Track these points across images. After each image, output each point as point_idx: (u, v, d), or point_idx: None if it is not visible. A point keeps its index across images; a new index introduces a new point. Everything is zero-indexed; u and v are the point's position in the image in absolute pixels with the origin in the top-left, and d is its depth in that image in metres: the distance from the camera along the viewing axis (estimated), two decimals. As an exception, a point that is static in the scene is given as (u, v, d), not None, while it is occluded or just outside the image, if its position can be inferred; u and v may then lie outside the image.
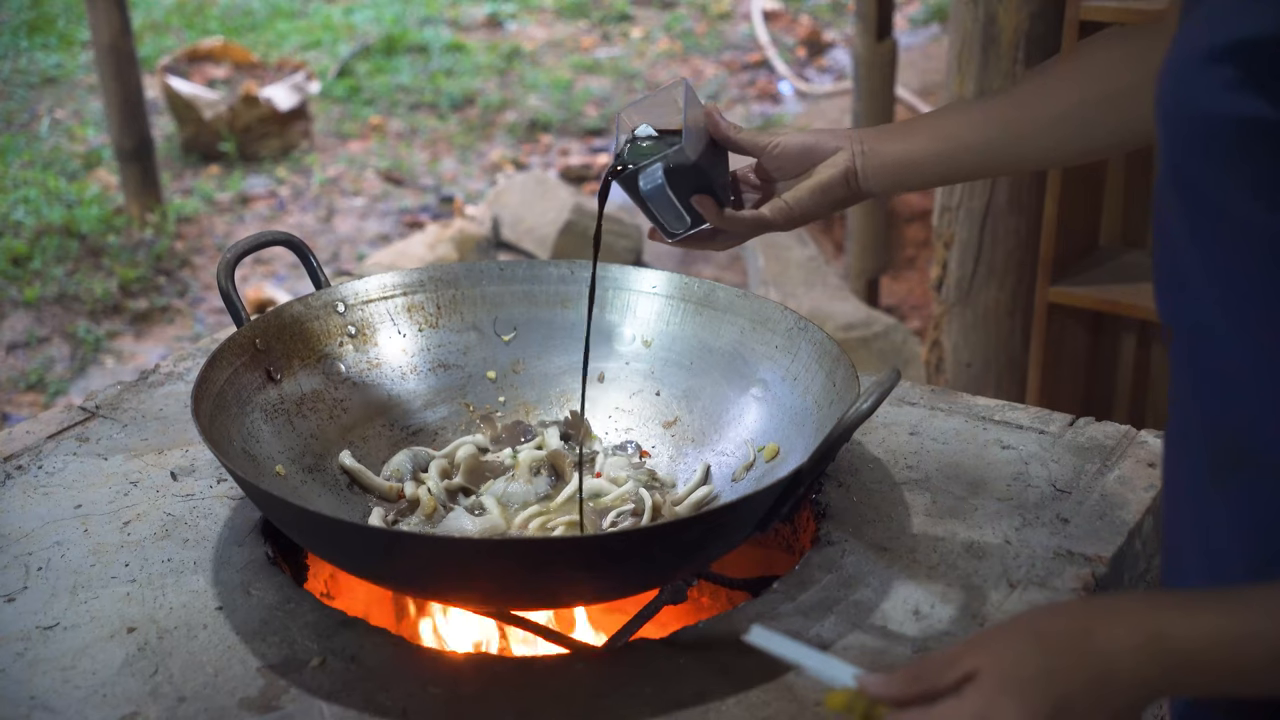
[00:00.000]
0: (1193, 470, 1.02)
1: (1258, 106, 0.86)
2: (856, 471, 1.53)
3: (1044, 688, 0.89)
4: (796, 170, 1.39)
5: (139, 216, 5.08)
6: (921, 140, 1.36)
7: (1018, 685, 0.89)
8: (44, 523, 1.46)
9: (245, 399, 1.45)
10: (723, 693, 1.18)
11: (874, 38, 3.89)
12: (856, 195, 1.38)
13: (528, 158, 6.10)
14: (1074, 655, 0.89)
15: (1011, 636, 0.93)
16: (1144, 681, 0.89)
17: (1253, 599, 0.90)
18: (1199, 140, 0.91)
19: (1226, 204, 0.91)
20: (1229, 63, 0.87)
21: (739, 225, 1.38)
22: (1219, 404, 0.97)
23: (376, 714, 1.17)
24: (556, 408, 1.64)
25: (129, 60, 4.87)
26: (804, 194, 1.37)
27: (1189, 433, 1.02)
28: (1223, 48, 0.88)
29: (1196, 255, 0.95)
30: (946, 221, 2.96)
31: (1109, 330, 2.87)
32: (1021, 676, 0.89)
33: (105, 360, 4.42)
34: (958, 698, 0.90)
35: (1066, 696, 0.88)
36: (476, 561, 1.22)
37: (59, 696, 1.20)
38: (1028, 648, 0.91)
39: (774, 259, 4.33)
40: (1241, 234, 0.91)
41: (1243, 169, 0.89)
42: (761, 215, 1.38)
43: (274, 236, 1.59)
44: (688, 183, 1.34)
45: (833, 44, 7.39)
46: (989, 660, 0.90)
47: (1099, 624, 0.90)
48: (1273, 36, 0.86)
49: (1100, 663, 0.89)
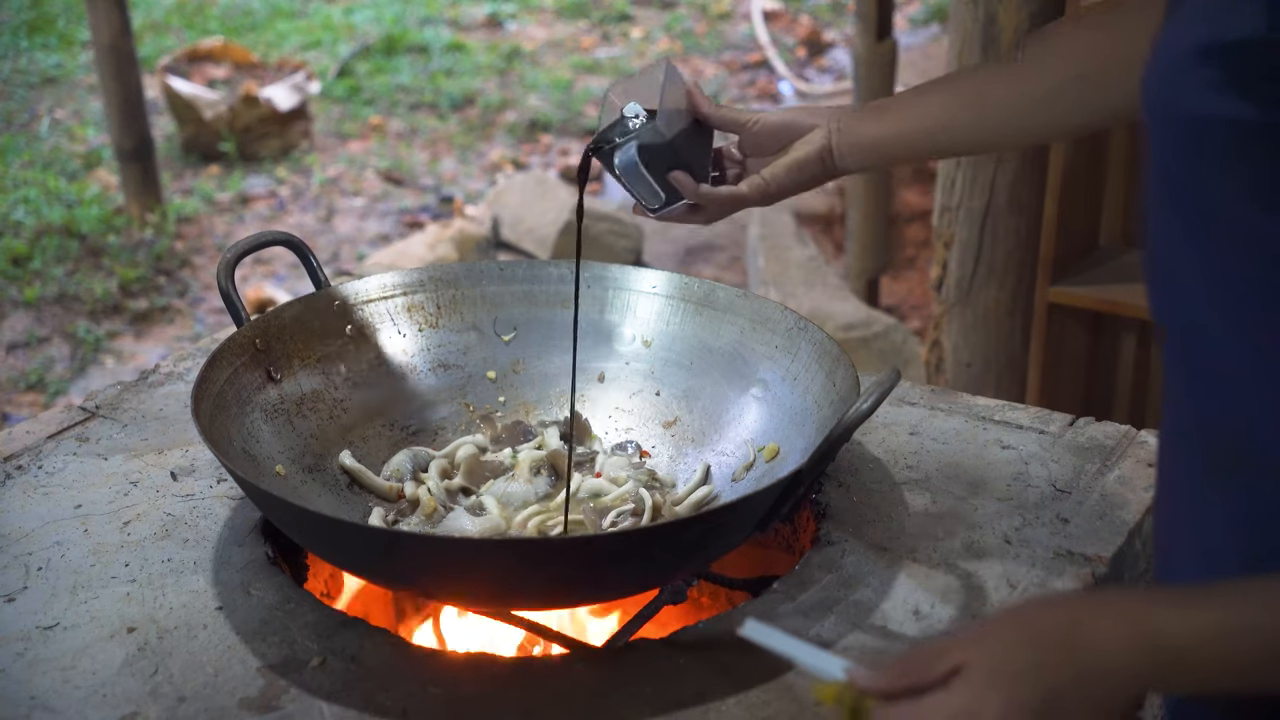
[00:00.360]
0: (1188, 469, 1.02)
1: (1243, 109, 0.86)
2: (856, 471, 1.53)
3: (1032, 682, 0.88)
4: (774, 147, 1.42)
5: (139, 216, 5.08)
6: (894, 120, 1.39)
7: (1006, 680, 0.89)
8: (44, 523, 1.46)
9: (245, 399, 1.45)
10: (723, 693, 1.18)
11: (874, 38, 3.89)
12: (831, 172, 1.41)
13: (528, 158, 6.10)
14: (1063, 650, 0.89)
15: (1001, 630, 0.93)
16: (1133, 676, 0.89)
17: (1248, 593, 0.90)
18: (1189, 141, 0.91)
19: (1218, 205, 0.91)
20: (1213, 64, 0.88)
21: (715, 200, 1.41)
22: (1214, 404, 0.97)
23: (376, 714, 1.17)
24: (556, 408, 1.65)
25: (129, 60, 4.87)
26: (780, 170, 1.40)
27: (1184, 432, 1.02)
28: (1207, 49, 0.88)
29: (1189, 255, 0.95)
30: (946, 221, 2.96)
31: (1109, 330, 2.87)
32: (1010, 671, 0.89)
33: (105, 360, 4.42)
34: (945, 691, 0.89)
35: (1055, 691, 0.88)
36: (476, 561, 1.22)
37: (59, 696, 1.20)
38: (1017, 642, 0.91)
39: (774, 259, 4.33)
40: (1234, 234, 0.91)
41: (1235, 170, 0.89)
42: (738, 191, 1.41)
43: (274, 236, 1.59)
44: (663, 160, 1.37)
45: (833, 44, 7.39)
46: (978, 654, 0.90)
47: (1089, 619, 0.90)
48: (1255, 38, 0.86)
49: (1089, 658, 0.89)
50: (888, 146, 1.39)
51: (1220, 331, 0.94)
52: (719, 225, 1.83)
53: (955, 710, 0.88)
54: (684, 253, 4.98)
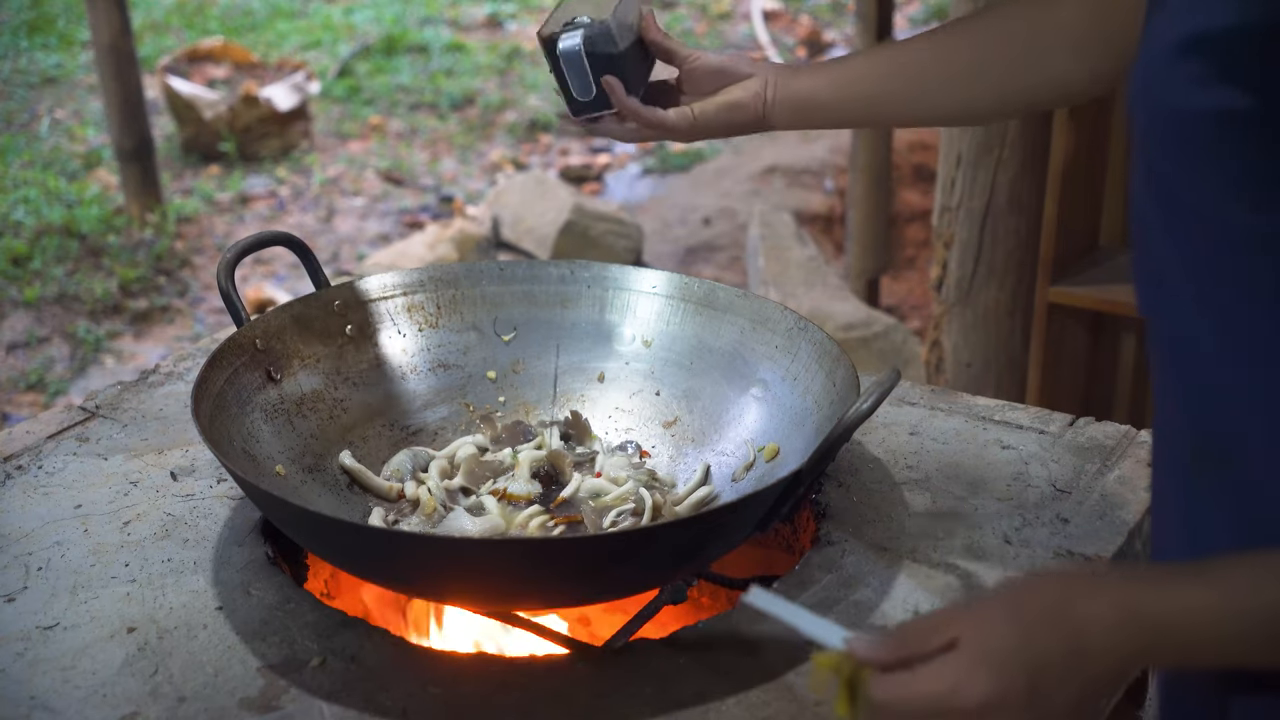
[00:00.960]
0: (1176, 463, 1.03)
1: (1229, 97, 0.86)
2: (856, 471, 1.53)
3: (1021, 662, 0.91)
4: (709, 87, 1.44)
5: (139, 216, 5.08)
6: (827, 80, 1.41)
7: (996, 658, 0.91)
8: (44, 523, 1.46)
9: (245, 399, 1.45)
10: (723, 693, 1.18)
11: (874, 38, 3.89)
12: (759, 122, 1.43)
13: (528, 158, 6.10)
14: (1053, 630, 0.92)
15: (994, 609, 0.95)
16: (1119, 654, 0.92)
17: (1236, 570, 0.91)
18: (1172, 137, 0.92)
19: (1200, 202, 0.91)
20: (1195, 57, 0.88)
21: (640, 116, 1.43)
22: (1199, 400, 0.98)
23: (376, 714, 1.17)
24: (556, 408, 1.64)
25: (129, 60, 4.88)
26: (710, 108, 1.43)
27: (1173, 428, 1.03)
28: (1188, 41, 0.88)
29: (1173, 252, 0.95)
30: (946, 221, 2.96)
31: (1109, 330, 2.88)
32: (999, 650, 0.91)
33: (105, 360, 4.42)
34: (938, 665, 0.92)
35: (1042, 669, 0.91)
36: (476, 561, 1.22)
37: (59, 696, 1.20)
38: (1008, 621, 0.93)
39: (774, 259, 4.33)
40: (1216, 231, 0.91)
41: (1222, 165, 0.89)
42: (664, 115, 1.43)
43: (274, 236, 1.59)
44: (603, 65, 1.41)
45: (833, 44, 7.39)
46: (971, 630, 0.93)
47: (1080, 600, 0.92)
48: (1234, 26, 0.86)
49: (1078, 638, 0.91)
50: (817, 105, 1.41)
51: (1206, 329, 0.95)
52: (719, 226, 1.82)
53: (944, 686, 0.91)
54: (684, 253, 4.98)
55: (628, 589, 1.34)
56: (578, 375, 1.65)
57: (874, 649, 0.95)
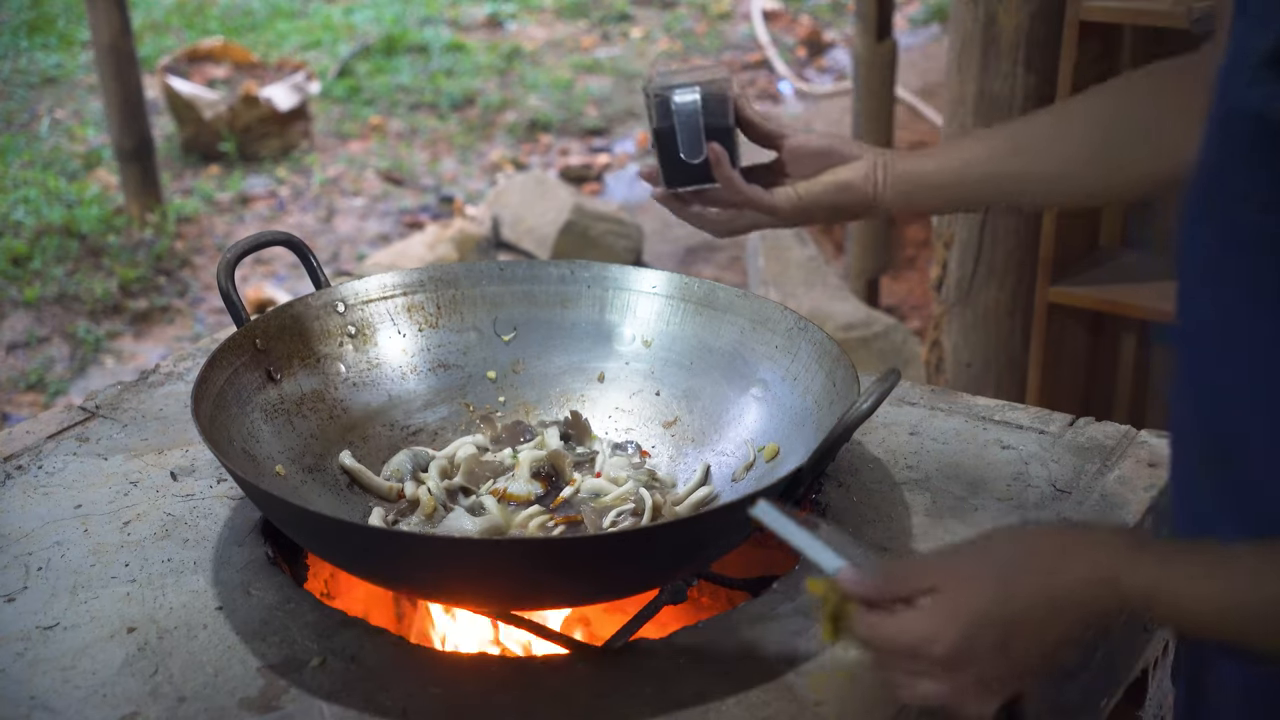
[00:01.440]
0: (1188, 464, 1.04)
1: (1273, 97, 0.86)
2: (856, 471, 1.53)
3: (995, 616, 0.93)
4: (812, 169, 1.39)
5: (139, 216, 5.08)
6: (940, 161, 1.37)
7: (970, 611, 0.93)
8: (44, 523, 1.46)
9: (245, 399, 1.45)
10: (723, 693, 1.18)
11: (874, 38, 3.89)
12: (868, 204, 1.38)
13: (528, 158, 6.10)
14: (1030, 586, 0.94)
15: (976, 561, 0.98)
16: (1092, 611, 0.94)
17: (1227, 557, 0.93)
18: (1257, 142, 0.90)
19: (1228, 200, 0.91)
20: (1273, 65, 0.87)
21: (741, 194, 1.37)
22: (1209, 402, 0.98)
23: (376, 714, 1.17)
24: (556, 408, 1.65)
25: (129, 60, 4.87)
26: (817, 188, 1.38)
27: (1185, 428, 1.04)
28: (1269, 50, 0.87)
29: (1194, 250, 0.95)
30: (946, 221, 2.96)
31: (1109, 330, 2.87)
32: (975, 602, 0.94)
33: (105, 360, 4.42)
34: (914, 613, 0.95)
35: (1016, 623, 0.93)
36: (476, 561, 1.22)
37: (59, 696, 1.20)
38: (988, 576, 0.96)
39: (774, 259, 4.33)
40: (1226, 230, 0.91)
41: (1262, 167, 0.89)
42: (767, 196, 1.38)
43: (274, 236, 1.59)
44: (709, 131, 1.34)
45: (833, 44, 7.39)
46: (951, 580, 0.96)
47: (1061, 557, 0.95)
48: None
49: (1055, 599, 0.94)
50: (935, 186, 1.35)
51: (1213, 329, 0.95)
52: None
53: (918, 633, 0.94)
54: (684, 253, 4.98)
55: (628, 589, 1.34)
56: (578, 375, 1.65)
57: (859, 585, 0.98)
